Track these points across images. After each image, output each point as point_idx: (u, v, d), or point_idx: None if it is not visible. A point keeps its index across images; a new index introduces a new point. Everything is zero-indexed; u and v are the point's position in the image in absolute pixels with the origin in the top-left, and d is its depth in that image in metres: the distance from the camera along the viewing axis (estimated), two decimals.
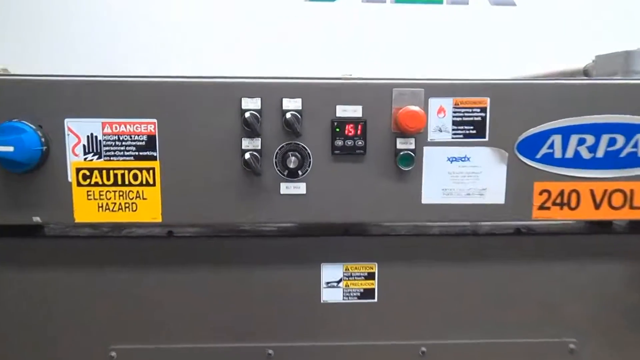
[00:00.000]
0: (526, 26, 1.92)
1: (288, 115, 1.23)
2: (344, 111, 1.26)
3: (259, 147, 1.27)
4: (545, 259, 1.38)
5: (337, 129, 1.26)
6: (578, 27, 2.10)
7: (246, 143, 1.26)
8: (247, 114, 1.22)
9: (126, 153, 1.24)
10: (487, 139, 1.28)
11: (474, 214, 1.31)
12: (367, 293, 1.38)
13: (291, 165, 1.24)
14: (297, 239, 1.38)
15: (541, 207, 1.31)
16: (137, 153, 1.25)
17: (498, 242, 1.39)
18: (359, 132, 1.26)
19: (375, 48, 1.72)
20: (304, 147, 1.27)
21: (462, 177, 1.30)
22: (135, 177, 1.25)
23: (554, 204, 1.31)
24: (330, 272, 1.37)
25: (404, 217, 1.31)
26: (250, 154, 1.24)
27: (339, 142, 1.27)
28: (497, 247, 1.39)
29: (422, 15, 1.82)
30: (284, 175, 1.28)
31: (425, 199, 1.30)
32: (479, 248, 1.39)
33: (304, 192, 1.28)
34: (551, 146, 1.28)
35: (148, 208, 1.26)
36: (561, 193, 1.30)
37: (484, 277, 1.39)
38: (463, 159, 1.29)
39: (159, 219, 1.27)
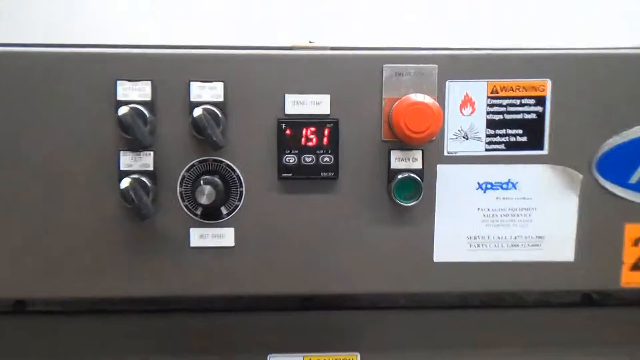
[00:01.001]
0: None
1: (198, 111, 0.69)
2: (298, 104, 0.73)
3: (150, 168, 0.72)
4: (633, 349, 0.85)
5: (288, 136, 0.72)
6: None
7: (127, 160, 0.72)
8: (123, 111, 0.68)
9: None
10: (545, 151, 0.75)
11: (522, 280, 0.77)
12: None
13: (204, 200, 0.70)
14: (225, 316, 0.84)
15: (636, 267, 0.77)
16: None
17: (554, 317, 0.85)
18: (325, 140, 0.72)
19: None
20: (230, 168, 0.73)
21: (504, 217, 0.76)
22: None
23: None
24: None
25: (403, 286, 0.77)
26: (131, 180, 0.69)
27: (291, 159, 0.73)
28: (553, 325, 0.85)
29: None
30: (195, 215, 0.74)
31: (440, 255, 0.76)
32: (522, 328, 0.85)
33: (231, 243, 0.75)
34: None
35: None
36: None
37: None
38: (505, 186, 0.75)
39: None
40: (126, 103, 0.70)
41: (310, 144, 0.72)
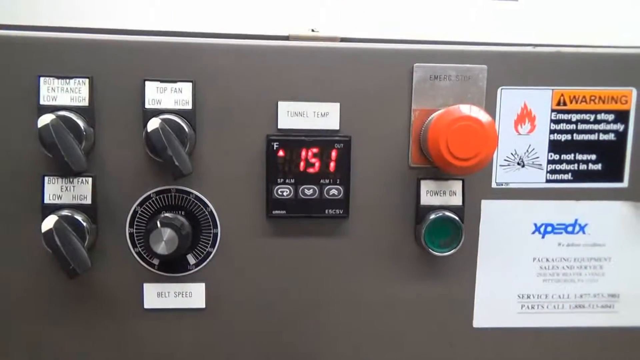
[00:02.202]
0: None
1: (155, 124, 0.48)
2: (296, 115, 0.53)
3: (87, 201, 0.52)
4: None
5: (281, 159, 0.52)
6: None
7: (53, 190, 0.52)
8: (44, 121, 0.47)
9: None
10: (625, 183, 0.56)
11: (590, 351, 0.58)
12: None
13: (161, 249, 0.49)
14: None
15: None
16: None
17: None
18: (332, 165, 0.53)
19: None
20: (200, 201, 0.53)
21: (567, 270, 0.57)
22: None
23: None
24: None
25: (435, 356, 0.58)
26: (58, 219, 0.49)
27: (285, 190, 0.53)
28: None
29: None
30: (150, 266, 0.53)
31: (482, 319, 0.57)
32: None
33: (201, 304, 0.54)
34: None
35: None
36: None
37: None
38: (571, 229, 0.56)
39: None
40: (53, 109, 0.50)
41: (311, 170, 0.53)
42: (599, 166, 0.55)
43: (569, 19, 0.60)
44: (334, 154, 0.53)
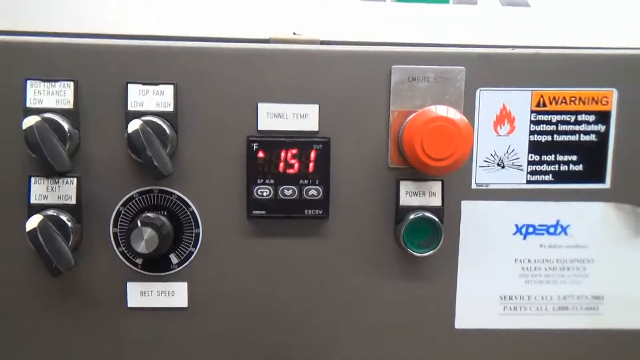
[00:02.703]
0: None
1: (136, 125, 0.50)
2: (276, 117, 0.53)
3: (71, 201, 0.53)
4: None
5: (261, 160, 0.53)
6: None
7: (39, 190, 0.53)
8: (29, 122, 0.49)
9: None
10: (607, 184, 0.56)
11: (573, 353, 0.58)
12: None
13: (141, 248, 0.50)
14: None
15: None
16: None
17: None
18: (311, 166, 0.53)
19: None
20: (182, 202, 0.54)
21: (549, 271, 0.57)
22: None
23: None
24: None
25: (417, 357, 0.58)
26: (43, 218, 0.50)
27: (265, 191, 0.53)
28: None
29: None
30: (134, 265, 0.55)
31: (463, 320, 0.57)
32: None
33: (184, 303, 0.55)
34: None
35: None
36: None
37: None
38: (552, 230, 0.56)
39: None
40: (39, 111, 0.51)
41: (291, 171, 0.53)
42: (580, 167, 0.55)
43: (549, 21, 0.60)
44: (313, 154, 0.53)
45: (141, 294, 0.55)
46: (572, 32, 0.59)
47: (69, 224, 0.52)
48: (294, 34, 0.57)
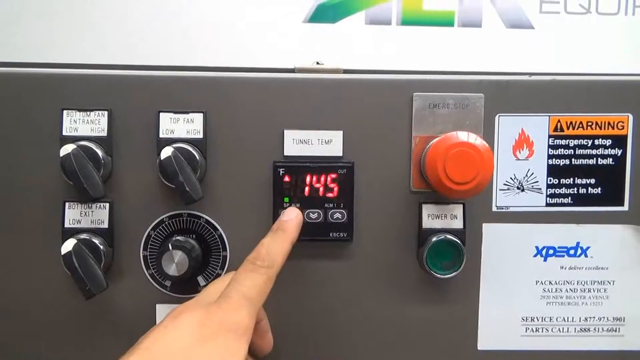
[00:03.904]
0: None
1: (168, 152, 0.52)
2: (301, 143, 0.55)
3: (104, 225, 0.55)
4: None
5: (287, 184, 0.55)
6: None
7: (73, 215, 0.55)
8: (65, 150, 0.51)
9: None
10: (626, 207, 0.57)
11: None
12: None
13: (172, 271, 0.52)
14: None
15: None
16: None
17: None
18: (335, 190, 0.55)
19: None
20: (211, 225, 0.56)
21: (570, 292, 0.58)
22: None
23: None
24: None
25: None
26: (77, 242, 0.52)
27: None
28: None
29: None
30: (163, 287, 0.56)
31: (486, 341, 0.58)
32: None
33: None
34: None
35: None
36: None
37: None
38: (573, 252, 0.57)
39: None
40: (75, 139, 0.53)
41: (316, 195, 0.55)
42: (598, 190, 0.57)
43: (565, 48, 0.62)
44: (337, 179, 0.55)
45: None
46: (575, 56, 0.61)
47: (102, 247, 0.54)
48: (317, 63, 0.59)
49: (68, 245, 0.52)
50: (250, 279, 0.47)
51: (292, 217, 0.52)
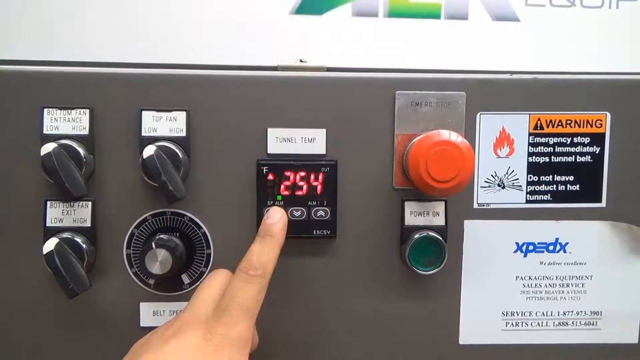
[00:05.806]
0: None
1: (151, 150, 0.51)
2: (285, 141, 0.55)
3: (86, 224, 0.55)
4: None
5: (270, 182, 0.55)
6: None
7: (55, 214, 0.55)
8: (47, 149, 0.51)
9: None
10: (603, 203, 0.58)
11: None
12: None
13: (156, 269, 0.52)
14: None
15: None
16: None
17: None
18: (319, 188, 0.55)
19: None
20: (194, 223, 0.56)
21: (549, 288, 0.59)
22: None
23: None
24: None
25: None
26: (59, 241, 0.51)
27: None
28: None
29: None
30: (147, 285, 0.56)
31: (467, 336, 0.59)
32: None
33: None
34: None
35: None
36: None
37: None
38: (552, 248, 0.58)
39: None
40: (56, 138, 0.53)
41: (299, 193, 0.55)
42: (577, 187, 0.58)
43: (548, 43, 0.62)
44: (320, 177, 0.55)
45: (154, 314, 0.56)
46: (558, 51, 0.61)
47: (84, 246, 0.54)
48: (300, 61, 0.59)
49: (50, 245, 0.51)
50: (246, 290, 0.48)
51: (277, 219, 0.52)
